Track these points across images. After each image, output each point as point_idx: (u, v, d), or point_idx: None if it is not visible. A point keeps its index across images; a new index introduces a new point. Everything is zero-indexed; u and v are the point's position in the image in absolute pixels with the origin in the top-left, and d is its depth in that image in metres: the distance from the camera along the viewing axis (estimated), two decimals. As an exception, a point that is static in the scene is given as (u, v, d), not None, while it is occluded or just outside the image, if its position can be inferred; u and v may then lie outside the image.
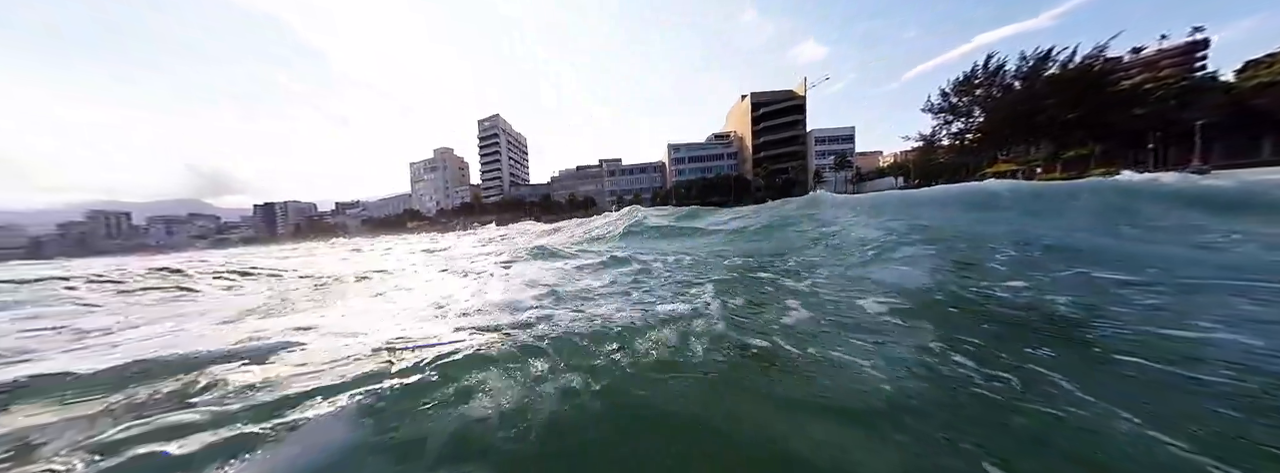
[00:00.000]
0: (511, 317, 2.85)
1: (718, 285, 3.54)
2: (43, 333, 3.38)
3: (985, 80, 40.95)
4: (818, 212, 9.03)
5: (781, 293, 3.41)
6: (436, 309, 3.32)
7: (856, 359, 1.99)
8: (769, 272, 4.32)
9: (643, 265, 4.99)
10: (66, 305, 4.78)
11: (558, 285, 4.02)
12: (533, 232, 17.99)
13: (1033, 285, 3.14)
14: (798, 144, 65.56)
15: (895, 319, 2.55)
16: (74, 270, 8.93)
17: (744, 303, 3.07)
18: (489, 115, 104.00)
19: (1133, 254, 3.91)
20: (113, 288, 5.97)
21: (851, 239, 5.71)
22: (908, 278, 3.50)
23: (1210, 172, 23.78)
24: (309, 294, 4.97)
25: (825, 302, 3.03)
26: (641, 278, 4.27)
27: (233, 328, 3.27)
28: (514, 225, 24.53)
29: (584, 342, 2.22)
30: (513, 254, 7.00)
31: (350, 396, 1.69)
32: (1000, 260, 3.97)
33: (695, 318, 2.58)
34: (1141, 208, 6.55)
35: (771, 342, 2.24)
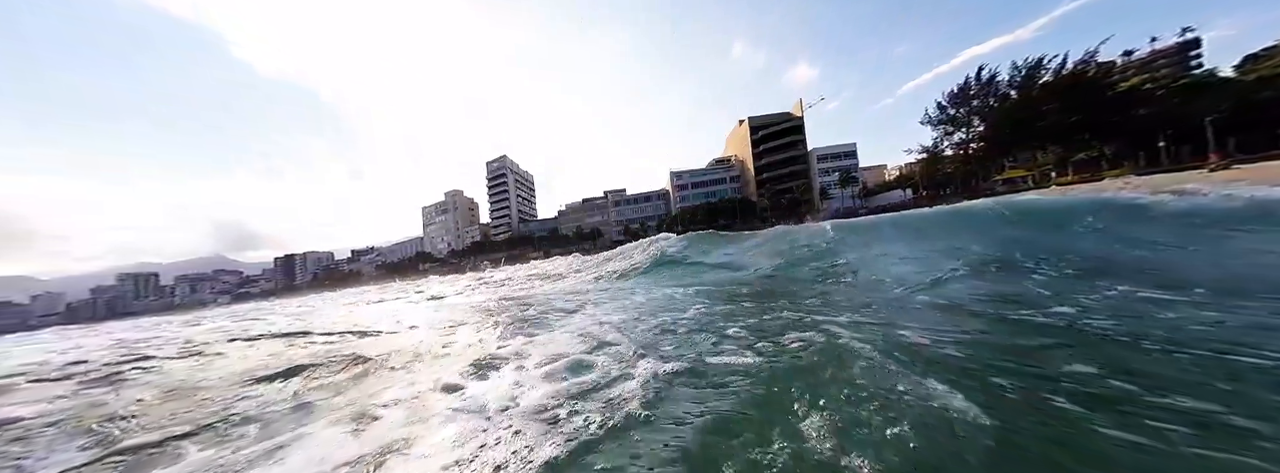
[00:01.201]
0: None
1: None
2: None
3: (980, 90, 41.29)
4: (830, 247, 8.23)
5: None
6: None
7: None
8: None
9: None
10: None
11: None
12: (538, 273, 16.71)
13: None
14: (799, 163, 65.98)
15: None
16: (69, 341, 8.99)
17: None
18: (497, 157, 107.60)
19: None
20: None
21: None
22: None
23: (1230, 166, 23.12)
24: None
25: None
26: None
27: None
28: (523, 267, 24.12)
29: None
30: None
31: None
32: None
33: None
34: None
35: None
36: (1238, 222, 5.32)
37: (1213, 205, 6.05)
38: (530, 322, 4.96)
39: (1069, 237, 5.86)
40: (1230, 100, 27.97)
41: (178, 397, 3.32)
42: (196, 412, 2.89)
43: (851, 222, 9.88)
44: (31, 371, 4.87)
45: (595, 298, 6.35)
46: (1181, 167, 27.65)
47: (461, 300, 9.20)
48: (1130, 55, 37.28)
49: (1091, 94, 33.37)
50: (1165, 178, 22.03)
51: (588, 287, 8.72)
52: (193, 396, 3.30)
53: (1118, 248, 5.04)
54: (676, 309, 4.51)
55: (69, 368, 4.93)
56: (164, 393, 3.47)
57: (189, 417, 2.76)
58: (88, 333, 12.46)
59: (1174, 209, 6.18)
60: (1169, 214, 6.04)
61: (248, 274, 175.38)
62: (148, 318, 26.89)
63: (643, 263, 10.36)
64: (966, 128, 43.58)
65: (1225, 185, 8.39)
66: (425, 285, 20.73)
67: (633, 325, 4.00)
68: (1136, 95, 32.58)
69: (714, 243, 11.29)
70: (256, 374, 3.66)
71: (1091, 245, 5.25)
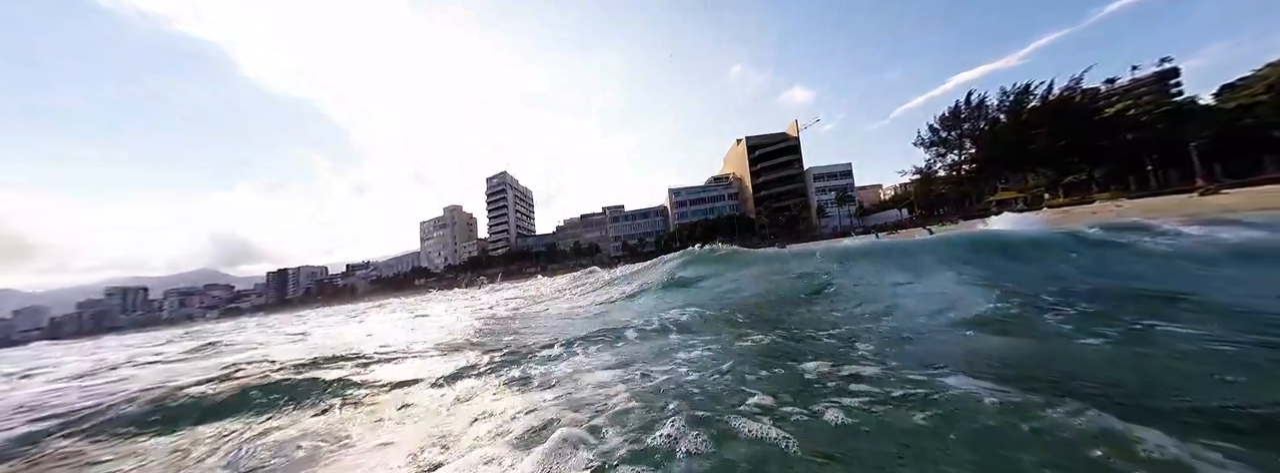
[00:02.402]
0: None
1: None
2: None
3: (971, 114, 42.49)
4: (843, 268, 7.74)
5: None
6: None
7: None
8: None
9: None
10: None
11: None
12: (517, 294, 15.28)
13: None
14: (796, 182, 66.90)
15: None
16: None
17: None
18: (496, 172, 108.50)
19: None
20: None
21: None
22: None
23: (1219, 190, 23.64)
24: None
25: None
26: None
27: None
28: (520, 284, 23.23)
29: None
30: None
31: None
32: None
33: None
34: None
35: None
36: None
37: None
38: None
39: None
40: (1213, 127, 28.87)
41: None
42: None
43: (843, 247, 9.27)
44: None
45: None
46: (1171, 190, 28.29)
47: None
48: (1113, 83, 38.68)
49: (1079, 119, 34.40)
50: (1158, 201, 22.46)
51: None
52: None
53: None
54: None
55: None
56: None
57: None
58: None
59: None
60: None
61: (239, 289, 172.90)
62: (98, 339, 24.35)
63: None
64: (959, 150, 44.59)
65: (1219, 214, 8.30)
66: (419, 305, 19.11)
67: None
68: (1122, 121, 33.61)
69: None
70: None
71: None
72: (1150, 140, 31.60)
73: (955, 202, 46.86)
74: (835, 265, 7.70)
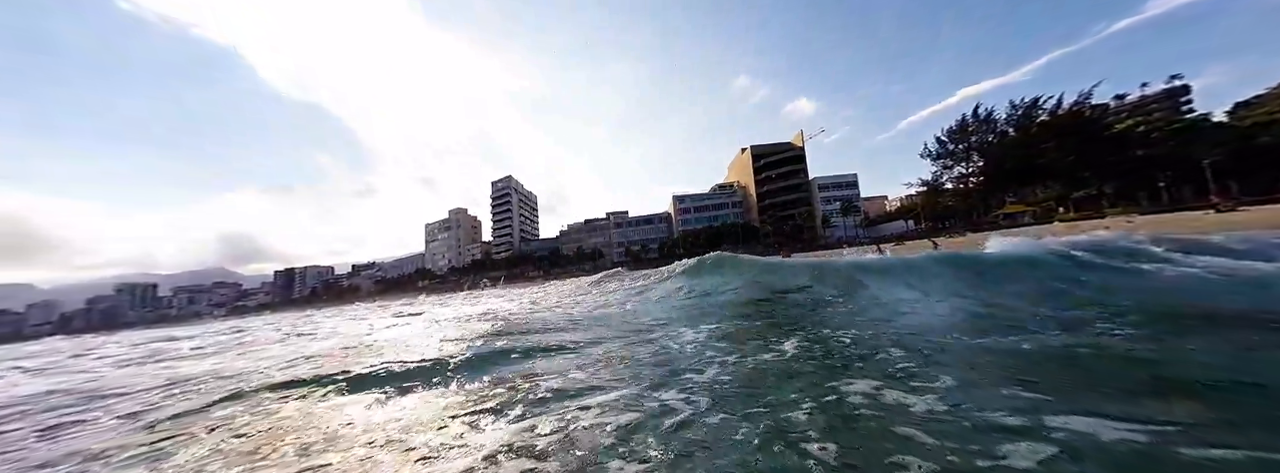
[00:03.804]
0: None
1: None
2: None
3: (978, 127, 42.18)
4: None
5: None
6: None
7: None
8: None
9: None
10: None
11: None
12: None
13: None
14: (801, 191, 66.62)
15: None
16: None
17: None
18: (502, 176, 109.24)
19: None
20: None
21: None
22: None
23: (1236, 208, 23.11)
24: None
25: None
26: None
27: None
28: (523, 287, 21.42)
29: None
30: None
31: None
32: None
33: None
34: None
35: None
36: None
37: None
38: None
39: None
40: (1229, 144, 28.38)
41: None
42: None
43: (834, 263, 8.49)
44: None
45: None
46: (1185, 207, 27.73)
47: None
48: (1122, 99, 38.28)
49: (1088, 134, 34.00)
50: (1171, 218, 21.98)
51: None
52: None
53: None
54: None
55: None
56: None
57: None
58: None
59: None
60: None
61: (246, 287, 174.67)
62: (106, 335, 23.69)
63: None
64: (966, 163, 44.20)
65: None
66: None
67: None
68: (1132, 137, 33.17)
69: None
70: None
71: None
72: (1162, 157, 31.13)
73: (963, 214, 46.34)
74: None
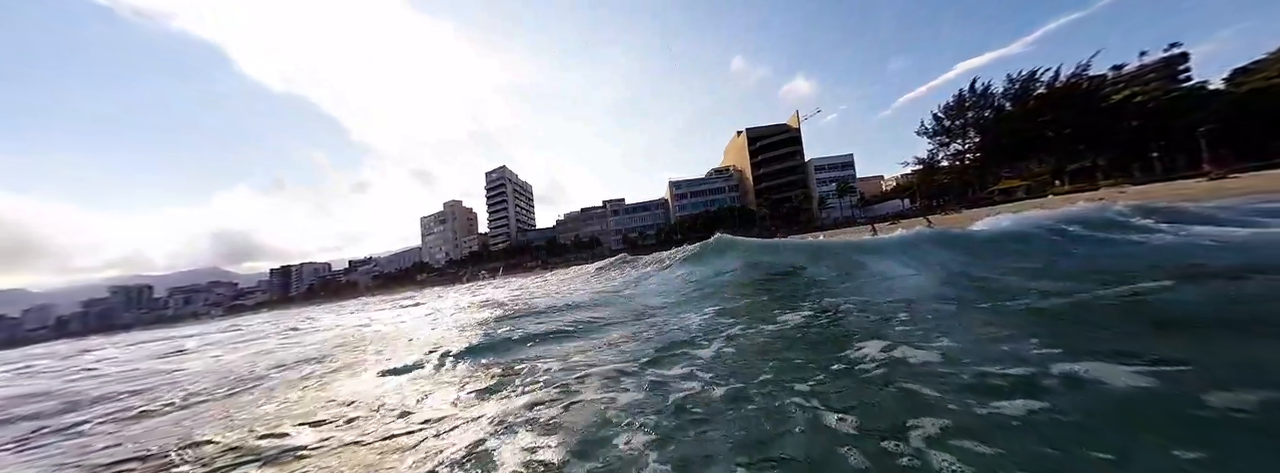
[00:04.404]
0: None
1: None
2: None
3: (975, 102, 41.87)
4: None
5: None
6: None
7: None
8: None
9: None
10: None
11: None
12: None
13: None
14: (797, 173, 66.38)
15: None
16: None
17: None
18: (496, 167, 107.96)
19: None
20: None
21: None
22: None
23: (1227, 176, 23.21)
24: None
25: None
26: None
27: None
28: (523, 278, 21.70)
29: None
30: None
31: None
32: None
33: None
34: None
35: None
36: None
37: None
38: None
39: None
40: (1223, 111, 28.34)
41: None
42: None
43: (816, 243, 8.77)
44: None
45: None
46: (1178, 176, 27.85)
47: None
48: (1120, 69, 37.97)
49: (1085, 106, 33.85)
50: (1161, 187, 22.07)
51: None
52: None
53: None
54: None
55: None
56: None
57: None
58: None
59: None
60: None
61: (243, 286, 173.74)
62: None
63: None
64: (962, 139, 44.05)
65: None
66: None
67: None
68: (1128, 107, 33.06)
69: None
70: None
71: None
72: (1156, 127, 31.12)
73: (958, 191, 46.47)
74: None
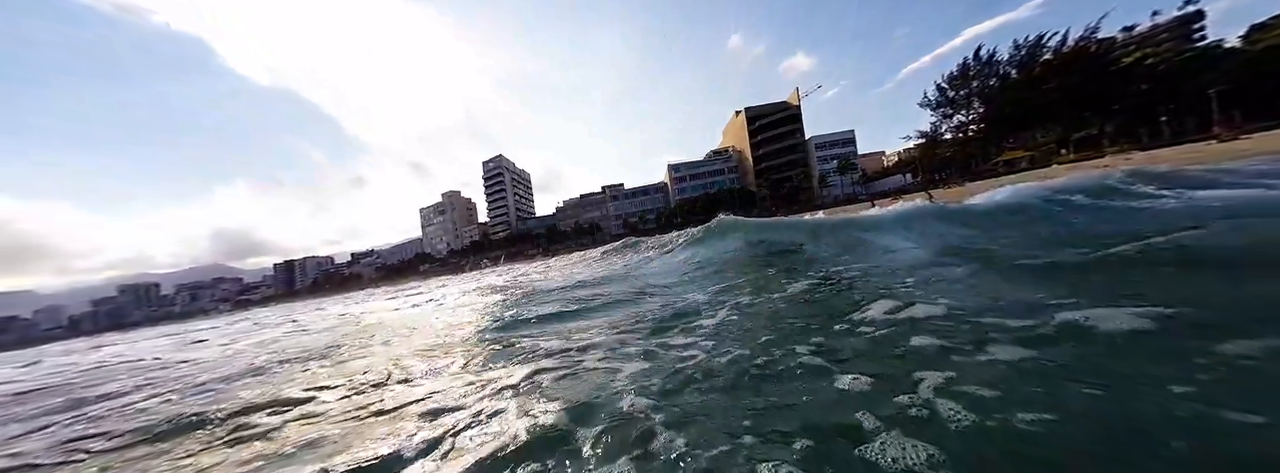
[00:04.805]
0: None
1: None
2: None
3: (980, 71, 40.72)
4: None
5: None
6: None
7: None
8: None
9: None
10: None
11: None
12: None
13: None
14: (798, 152, 65.44)
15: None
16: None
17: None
18: (493, 156, 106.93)
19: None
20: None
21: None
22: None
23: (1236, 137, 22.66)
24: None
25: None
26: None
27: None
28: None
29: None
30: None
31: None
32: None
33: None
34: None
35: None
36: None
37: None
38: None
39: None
40: (1236, 71, 27.44)
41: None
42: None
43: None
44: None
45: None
46: (1187, 140, 27.22)
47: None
48: (1131, 30, 36.63)
49: (1093, 71, 32.84)
50: (1167, 152, 21.55)
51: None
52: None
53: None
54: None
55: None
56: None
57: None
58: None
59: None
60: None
61: (248, 281, 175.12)
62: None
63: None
64: (966, 110, 43.08)
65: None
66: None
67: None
68: (1138, 71, 32.05)
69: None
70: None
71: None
72: (1166, 90, 30.22)
73: (960, 164, 45.76)
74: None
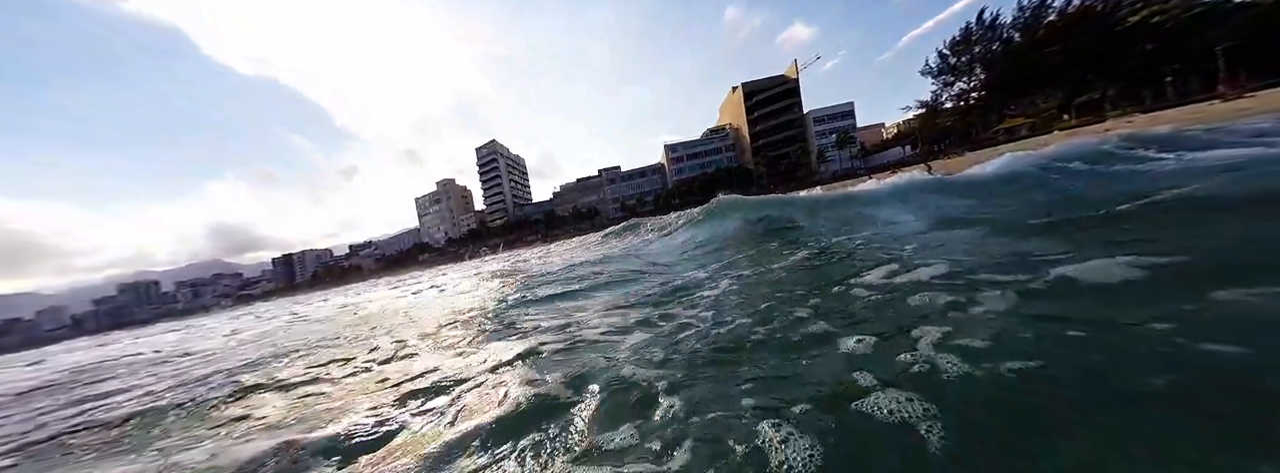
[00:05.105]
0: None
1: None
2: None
3: (982, 35, 39.64)
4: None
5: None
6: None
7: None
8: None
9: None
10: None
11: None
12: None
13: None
14: (796, 127, 64.49)
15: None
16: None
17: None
18: (486, 142, 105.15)
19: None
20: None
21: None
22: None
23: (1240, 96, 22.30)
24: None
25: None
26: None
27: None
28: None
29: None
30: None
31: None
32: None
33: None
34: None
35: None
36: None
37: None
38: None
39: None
40: (1245, 26, 26.71)
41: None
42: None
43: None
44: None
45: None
46: (1191, 100, 26.79)
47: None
48: (1138, -13, 35.42)
49: (1098, 31, 31.97)
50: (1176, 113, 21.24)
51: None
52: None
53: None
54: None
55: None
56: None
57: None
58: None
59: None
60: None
61: (248, 276, 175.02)
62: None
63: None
64: (968, 77, 42.21)
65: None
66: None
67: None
68: (1143, 30, 31.20)
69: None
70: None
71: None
72: (1170, 49, 29.50)
73: (961, 133, 45.21)
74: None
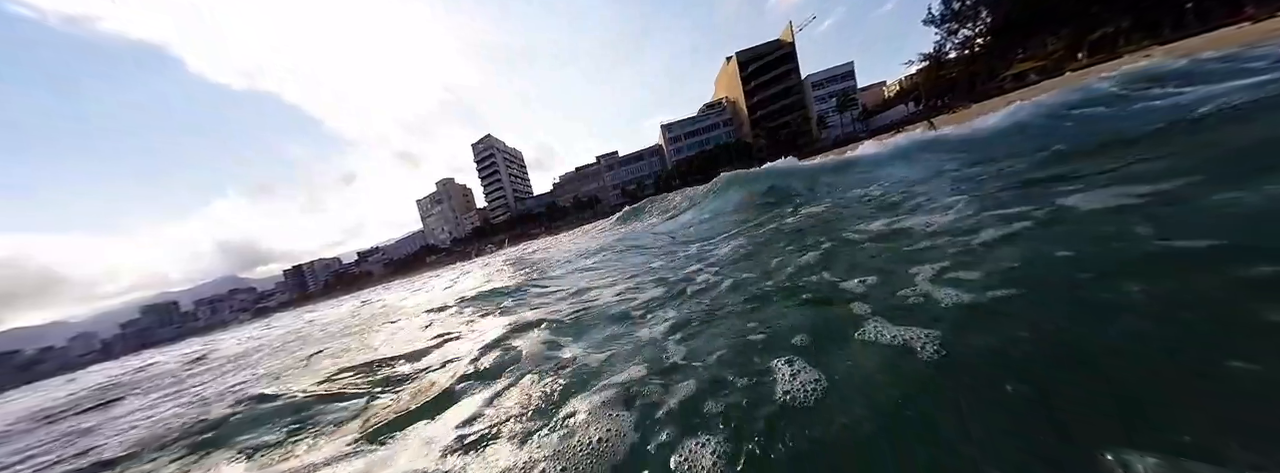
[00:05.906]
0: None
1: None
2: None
3: (984, -23, 37.56)
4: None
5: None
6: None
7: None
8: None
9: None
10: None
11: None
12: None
13: None
14: (794, 94, 62.64)
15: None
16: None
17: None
18: (480, 137, 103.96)
19: None
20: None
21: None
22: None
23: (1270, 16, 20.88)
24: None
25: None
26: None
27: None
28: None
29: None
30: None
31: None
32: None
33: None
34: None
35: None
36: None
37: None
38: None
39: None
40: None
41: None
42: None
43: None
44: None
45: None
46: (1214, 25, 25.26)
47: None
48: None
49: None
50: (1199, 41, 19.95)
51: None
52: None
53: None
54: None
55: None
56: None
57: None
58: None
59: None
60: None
61: (262, 290, 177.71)
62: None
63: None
64: (973, 22, 40.29)
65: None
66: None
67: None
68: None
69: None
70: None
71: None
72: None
73: (966, 85, 43.51)
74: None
